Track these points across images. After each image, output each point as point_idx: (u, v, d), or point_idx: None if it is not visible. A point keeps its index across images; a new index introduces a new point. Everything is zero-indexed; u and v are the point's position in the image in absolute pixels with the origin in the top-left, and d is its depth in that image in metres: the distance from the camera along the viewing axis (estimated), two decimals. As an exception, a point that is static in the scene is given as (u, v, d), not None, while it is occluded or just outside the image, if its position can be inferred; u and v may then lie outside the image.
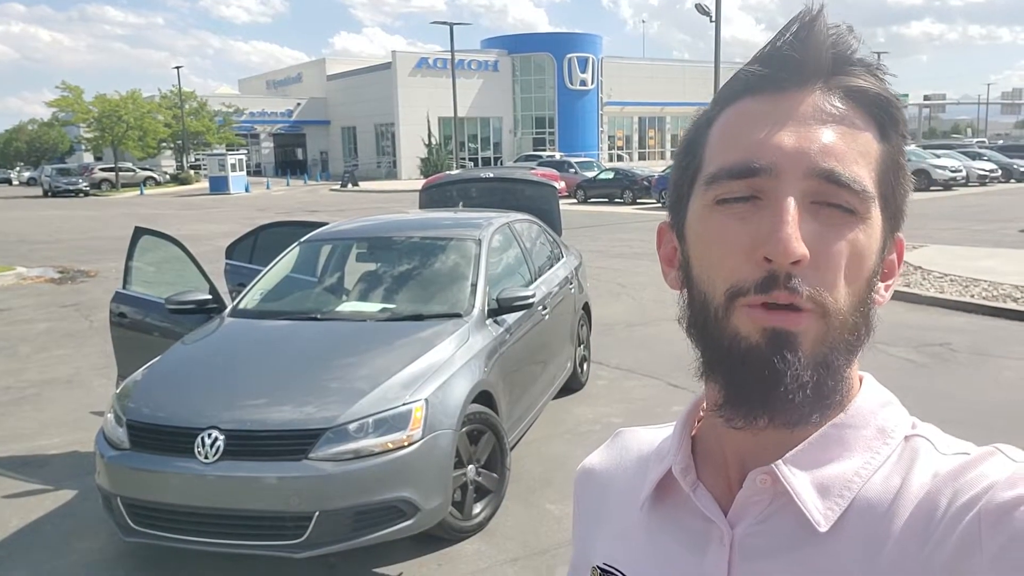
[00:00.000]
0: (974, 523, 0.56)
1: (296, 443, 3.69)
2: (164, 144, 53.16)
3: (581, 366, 6.68)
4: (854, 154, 0.64)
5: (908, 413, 0.71)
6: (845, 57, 0.65)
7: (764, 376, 0.63)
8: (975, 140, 56.15)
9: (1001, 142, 50.76)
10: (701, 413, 0.77)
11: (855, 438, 0.67)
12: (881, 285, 0.69)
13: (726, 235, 0.65)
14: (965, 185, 30.38)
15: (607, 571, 0.79)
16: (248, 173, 46.33)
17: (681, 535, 0.73)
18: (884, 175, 0.66)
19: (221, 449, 3.67)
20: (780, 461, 0.66)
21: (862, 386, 0.70)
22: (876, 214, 0.65)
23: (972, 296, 9.63)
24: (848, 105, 0.65)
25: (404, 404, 3.86)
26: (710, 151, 0.68)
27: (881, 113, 0.66)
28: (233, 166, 43.28)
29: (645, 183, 27.62)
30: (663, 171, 28.16)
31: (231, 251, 6.53)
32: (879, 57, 0.68)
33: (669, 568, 0.73)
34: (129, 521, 3.86)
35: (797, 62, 0.64)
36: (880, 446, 0.66)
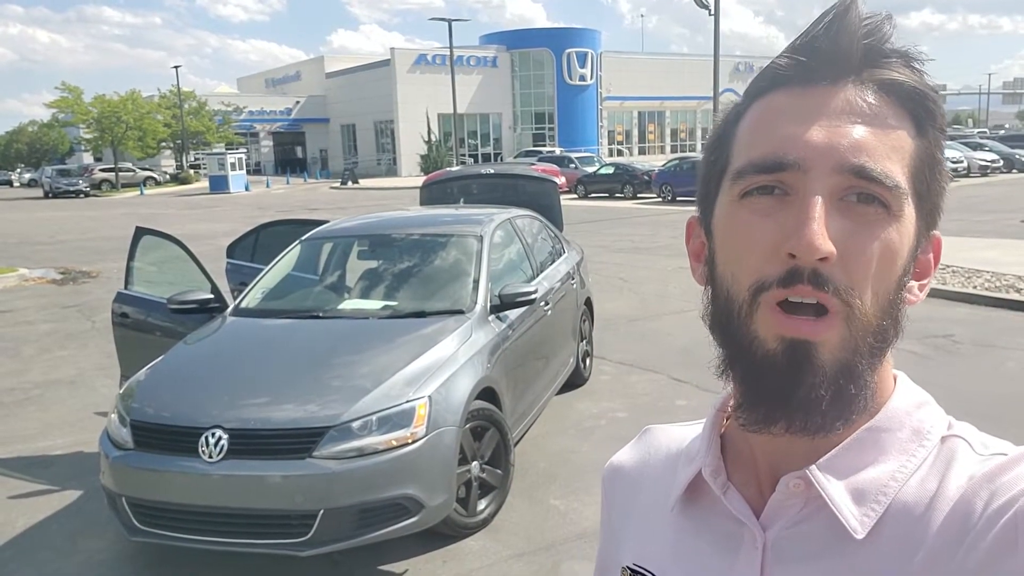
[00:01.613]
0: (1010, 526, 0.55)
1: (300, 441, 3.69)
2: (164, 144, 53.18)
3: (584, 361, 6.68)
4: (886, 149, 0.62)
5: (944, 412, 0.69)
6: (878, 49, 0.63)
7: (779, 385, 0.62)
8: (976, 130, 56.07)
9: (1003, 132, 50.66)
10: (729, 411, 0.76)
11: (890, 441, 0.66)
12: (915, 284, 0.67)
13: (751, 231, 0.63)
14: (967, 176, 30.34)
15: (637, 572, 0.78)
16: (248, 172, 46.30)
17: (712, 537, 0.72)
18: (919, 171, 0.64)
19: (225, 448, 3.67)
20: (814, 466, 0.65)
21: (896, 386, 0.69)
22: (909, 211, 0.63)
23: (975, 287, 9.62)
24: (881, 100, 0.63)
25: (407, 401, 3.86)
26: (738, 146, 0.67)
27: (916, 107, 0.64)
28: (233, 165, 43.23)
29: (645, 178, 27.58)
30: (663, 165, 28.13)
31: (232, 250, 6.54)
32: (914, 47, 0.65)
33: (700, 571, 0.72)
34: (134, 521, 3.86)
35: (828, 55, 0.63)
36: (916, 448, 0.65)
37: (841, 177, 0.61)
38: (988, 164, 31.70)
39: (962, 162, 30.06)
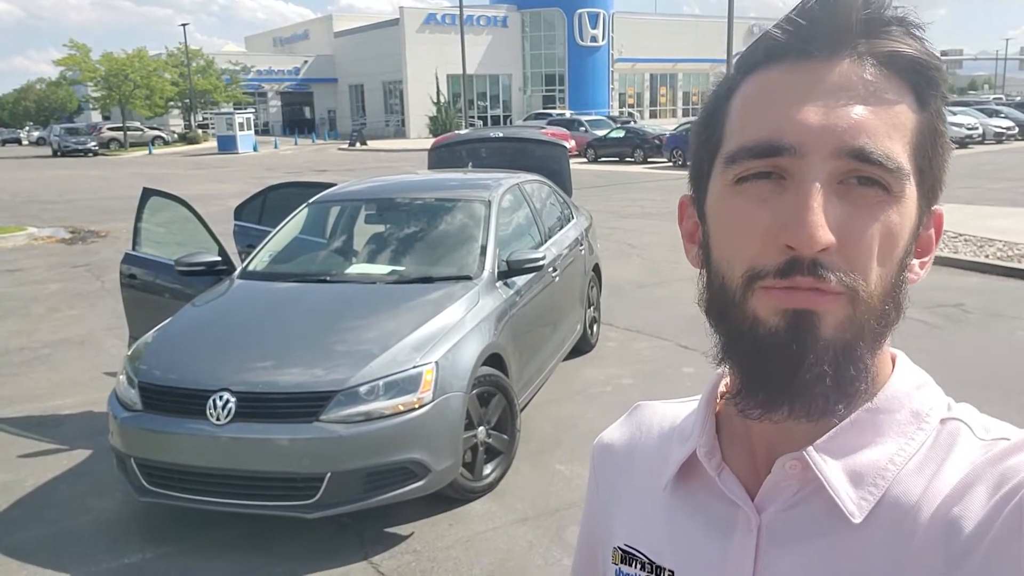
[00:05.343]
0: (1015, 513, 0.54)
1: (307, 405, 3.70)
2: (172, 103, 52.94)
3: (591, 328, 6.67)
4: (887, 128, 0.59)
5: (944, 393, 0.68)
6: (878, 18, 0.59)
7: (782, 363, 0.59)
8: (992, 96, 55.27)
9: (1019, 98, 49.91)
10: (724, 389, 0.74)
11: (889, 423, 0.64)
12: (916, 262, 0.65)
13: (747, 219, 0.61)
14: (981, 143, 29.96)
15: (629, 552, 0.77)
16: (256, 132, 46.09)
17: (706, 519, 0.70)
18: (921, 146, 0.61)
19: (233, 411, 3.69)
20: (811, 448, 0.63)
21: (895, 366, 0.67)
22: (911, 191, 0.61)
23: (987, 256, 9.54)
24: (881, 74, 0.60)
25: (414, 367, 3.86)
26: (731, 126, 0.64)
27: (918, 79, 0.60)
28: (241, 125, 43.08)
29: (656, 142, 27.33)
30: (674, 129, 27.86)
31: (240, 212, 6.51)
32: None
33: (692, 552, 0.71)
34: (143, 481, 3.90)
35: (825, 27, 0.59)
36: (915, 431, 0.64)
37: (840, 161, 0.58)
38: (1004, 131, 31.26)
39: (977, 128, 29.66)
